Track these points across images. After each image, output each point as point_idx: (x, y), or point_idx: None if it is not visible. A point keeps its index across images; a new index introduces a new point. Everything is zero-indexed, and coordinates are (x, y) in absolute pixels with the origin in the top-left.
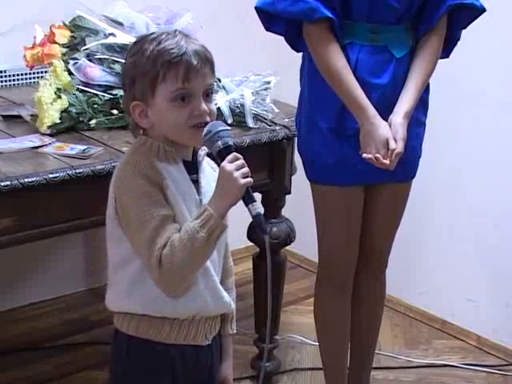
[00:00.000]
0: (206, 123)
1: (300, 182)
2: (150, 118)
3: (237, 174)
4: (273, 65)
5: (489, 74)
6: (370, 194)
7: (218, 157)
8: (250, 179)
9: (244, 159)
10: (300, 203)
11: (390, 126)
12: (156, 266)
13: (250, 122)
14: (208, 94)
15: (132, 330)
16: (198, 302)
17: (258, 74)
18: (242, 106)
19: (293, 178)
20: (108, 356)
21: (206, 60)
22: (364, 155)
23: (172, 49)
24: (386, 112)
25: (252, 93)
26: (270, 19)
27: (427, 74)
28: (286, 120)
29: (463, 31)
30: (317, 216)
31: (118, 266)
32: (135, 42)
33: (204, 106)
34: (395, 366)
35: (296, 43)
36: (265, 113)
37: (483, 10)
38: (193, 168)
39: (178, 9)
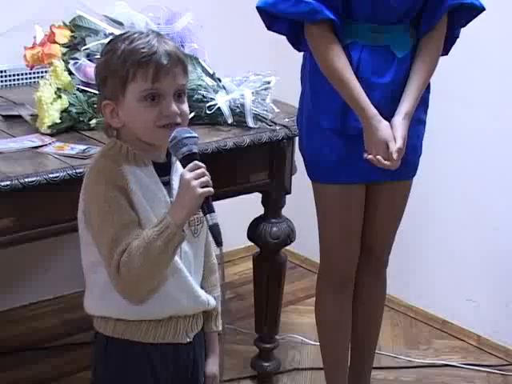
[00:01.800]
0: (177, 124)
1: (300, 182)
2: (121, 118)
3: (195, 183)
4: (273, 64)
5: (490, 73)
6: (371, 192)
7: (181, 164)
8: (208, 189)
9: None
10: (300, 203)
11: (391, 126)
12: (114, 272)
13: (250, 122)
14: (180, 95)
15: (109, 331)
16: (172, 303)
17: (258, 74)
18: (242, 105)
19: (293, 177)
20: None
21: (178, 60)
22: (365, 156)
23: (142, 48)
24: (388, 111)
25: (252, 93)
26: (271, 19)
27: (428, 74)
28: (287, 120)
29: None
30: (318, 215)
31: (89, 270)
32: (109, 42)
33: (174, 106)
34: (395, 365)
35: (298, 43)
36: (265, 113)
37: (483, 9)
38: (165, 169)
39: (178, 9)
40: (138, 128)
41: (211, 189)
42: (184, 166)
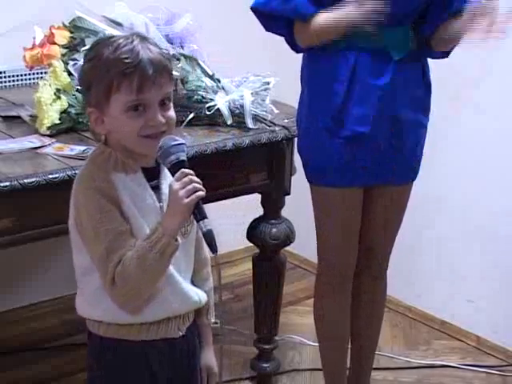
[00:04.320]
0: (162, 132)
1: (299, 183)
2: (106, 125)
3: (182, 192)
4: (272, 65)
5: (490, 75)
6: (370, 196)
7: (170, 173)
8: (195, 195)
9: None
10: (300, 204)
11: None
12: (110, 283)
13: (250, 123)
14: (165, 102)
15: (102, 331)
16: (166, 308)
17: (258, 75)
18: (242, 106)
19: (292, 178)
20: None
21: (163, 68)
22: None
23: (127, 58)
24: (385, 112)
25: (251, 93)
26: (267, 19)
27: None
28: (286, 121)
29: None
30: (316, 216)
31: (81, 274)
32: (94, 46)
33: (159, 116)
34: (394, 366)
35: (296, 44)
36: (264, 113)
37: None
38: (154, 174)
39: (177, 9)
40: (123, 137)
41: (199, 193)
42: (173, 175)
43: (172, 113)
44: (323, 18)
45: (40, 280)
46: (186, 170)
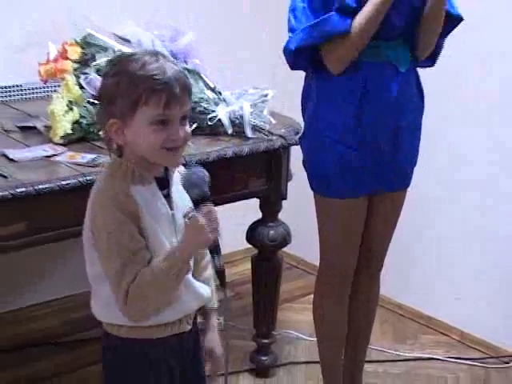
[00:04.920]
0: (181, 146)
1: (295, 188)
2: (126, 136)
3: (208, 228)
4: (270, 78)
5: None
6: (372, 201)
7: (193, 203)
8: (218, 233)
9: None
10: (296, 208)
11: None
12: (122, 299)
13: (249, 133)
14: (184, 118)
15: (121, 332)
16: (183, 309)
17: (256, 88)
18: (242, 117)
19: (288, 184)
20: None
21: (185, 87)
22: None
23: (156, 75)
24: (392, 121)
25: (250, 105)
26: (296, 57)
27: None
28: (283, 130)
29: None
30: (320, 223)
31: (95, 281)
32: (116, 61)
33: (180, 132)
34: (384, 359)
35: (319, 71)
36: (262, 124)
37: (461, 20)
38: (164, 183)
39: (181, 26)
40: (144, 148)
41: (219, 233)
42: (195, 205)
43: (188, 128)
44: (359, 22)
45: (46, 281)
46: (212, 208)
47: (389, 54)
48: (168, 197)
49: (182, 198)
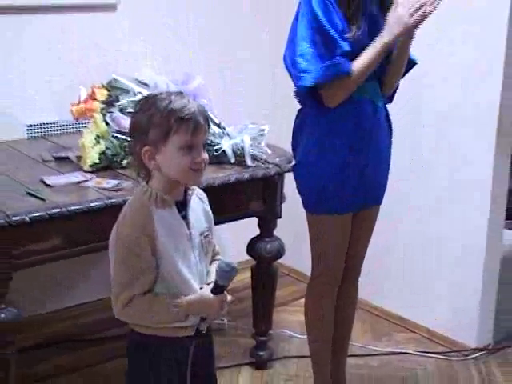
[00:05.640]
0: (203, 167)
1: (288, 209)
2: (157, 161)
3: (217, 308)
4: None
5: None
6: (357, 218)
7: (214, 286)
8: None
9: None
10: (289, 225)
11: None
12: (119, 308)
13: (249, 162)
14: (204, 145)
15: (140, 330)
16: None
17: (255, 123)
18: (243, 148)
19: (282, 205)
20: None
21: (206, 118)
22: None
23: (183, 107)
24: (374, 147)
25: (250, 138)
26: (305, 95)
27: None
28: (278, 160)
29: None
30: (313, 238)
31: None
32: (146, 99)
33: (203, 155)
34: (364, 353)
35: (318, 106)
36: (260, 154)
37: (415, 63)
38: (183, 205)
39: (191, 71)
40: (174, 170)
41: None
42: (215, 289)
43: (206, 155)
44: (358, 67)
45: (82, 286)
46: (226, 297)
47: (369, 92)
48: (185, 218)
49: (197, 219)
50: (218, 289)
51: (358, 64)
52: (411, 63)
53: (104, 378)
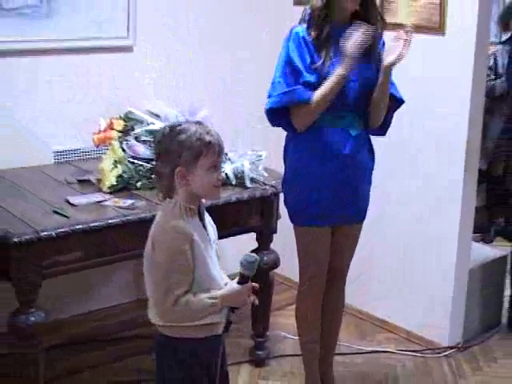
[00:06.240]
0: (221, 184)
1: (283, 225)
2: (188, 180)
3: (246, 297)
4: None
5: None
6: (337, 232)
7: (240, 275)
8: (251, 299)
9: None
10: (283, 240)
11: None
12: (169, 305)
13: (248, 183)
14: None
15: (169, 331)
16: (223, 314)
17: (254, 150)
18: (243, 172)
19: (278, 222)
20: (151, 347)
21: (223, 143)
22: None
23: (208, 133)
24: (348, 172)
25: (249, 163)
26: (274, 117)
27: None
28: (273, 182)
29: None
30: (299, 248)
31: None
32: (172, 129)
33: (222, 174)
34: (350, 352)
35: (290, 129)
36: (258, 176)
37: (402, 102)
38: (200, 216)
39: (197, 104)
40: (202, 187)
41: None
42: (241, 279)
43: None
44: (317, 94)
45: (103, 292)
46: (251, 286)
47: (341, 123)
48: (204, 226)
49: (210, 228)
50: (244, 279)
51: (318, 93)
52: (399, 101)
53: (124, 373)
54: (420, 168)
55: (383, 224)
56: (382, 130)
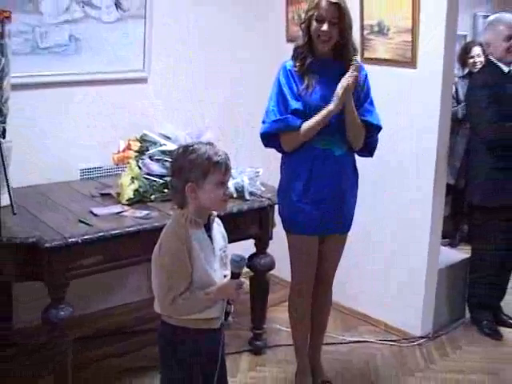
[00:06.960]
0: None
1: (277, 233)
2: (197, 194)
3: (235, 291)
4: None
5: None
6: (325, 241)
7: (232, 271)
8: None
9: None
10: (278, 245)
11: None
12: (169, 303)
13: (247, 196)
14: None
15: (175, 322)
16: (221, 309)
17: (252, 167)
18: (242, 186)
19: (273, 229)
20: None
21: (230, 162)
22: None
23: (216, 154)
24: (333, 188)
25: (248, 178)
26: (268, 139)
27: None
28: (269, 195)
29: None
30: (291, 254)
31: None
32: (186, 148)
33: (229, 189)
34: (336, 342)
35: (281, 150)
36: (256, 190)
37: (380, 128)
38: (207, 227)
39: (203, 127)
40: (210, 201)
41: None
42: (233, 275)
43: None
44: (306, 125)
45: (120, 291)
46: (243, 282)
47: (326, 144)
48: (210, 237)
49: (217, 238)
50: (233, 276)
51: (307, 123)
52: (375, 127)
53: (139, 361)
54: (396, 182)
55: (367, 233)
56: (367, 152)
